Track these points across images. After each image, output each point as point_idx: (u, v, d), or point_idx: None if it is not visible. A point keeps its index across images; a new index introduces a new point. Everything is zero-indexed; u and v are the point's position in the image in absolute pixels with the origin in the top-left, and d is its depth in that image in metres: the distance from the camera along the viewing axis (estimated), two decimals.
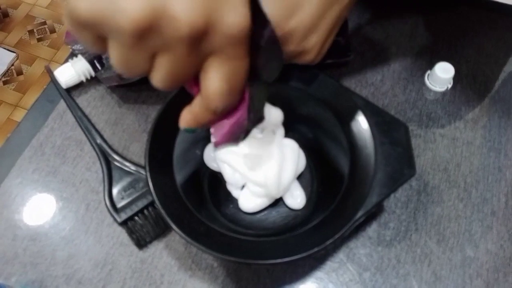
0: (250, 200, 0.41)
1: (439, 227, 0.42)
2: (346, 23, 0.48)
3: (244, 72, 0.24)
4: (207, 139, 0.42)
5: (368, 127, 0.38)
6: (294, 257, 0.33)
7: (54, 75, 0.48)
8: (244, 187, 0.41)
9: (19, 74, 1.45)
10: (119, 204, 0.42)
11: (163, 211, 0.35)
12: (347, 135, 0.39)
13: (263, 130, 0.39)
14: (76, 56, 0.48)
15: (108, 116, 0.48)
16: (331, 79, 0.41)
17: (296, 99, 0.41)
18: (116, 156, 0.44)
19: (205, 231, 0.35)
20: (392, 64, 0.51)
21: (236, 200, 0.41)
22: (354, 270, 0.40)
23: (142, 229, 0.41)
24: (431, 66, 0.49)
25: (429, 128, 0.48)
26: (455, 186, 0.44)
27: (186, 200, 0.37)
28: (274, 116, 0.38)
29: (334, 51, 0.46)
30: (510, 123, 0.48)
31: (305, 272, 0.40)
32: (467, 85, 0.50)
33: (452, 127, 0.48)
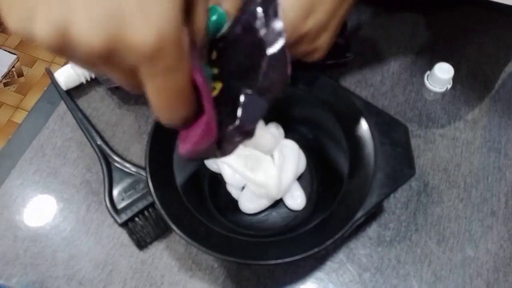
0: (250, 201, 0.41)
1: (439, 227, 0.42)
2: (346, 23, 0.48)
3: (182, 85, 0.22)
4: None
5: (368, 128, 0.38)
6: (294, 257, 0.33)
7: (55, 76, 0.48)
8: (244, 188, 0.41)
9: (19, 76, 1.45)
10: (120, 205, 0.42)
11: (163, 212, 0.35)
12: (347, 135, 0.39)
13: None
14: None
15: (109, 117, 0.48)
16: (331, 80, 0.41)
17: (296, 100, 0.41)
18: (116, 157, 0.44)
19: (205, 231, 0.35)
20: (392, 65, 0.51)
21: (236, 201, 0.41)
22: (354, 270, 0.40)
23: (142, 230, 0.41)
24: (431, 66, 0.49)
25: (429, 128, 0.48)
26: (455, 186, 0.44)
27: (186, 201, 0.37)
28: (266, 141, 0.38)
29: (334, 52, 0.46)
30: (510, 123, 0.48)
31: (305, 273, 0.40)
32: (467, 85, 0.50)
33: (452, 127, 0.48)
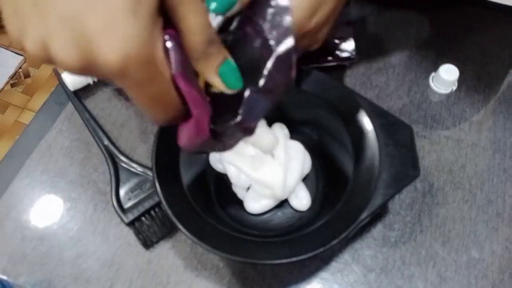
0: (255, 201, 0.41)
1: (444, 228, 0.42)
2: (351, 25, 0.48)
3: (159, 94, 0.23)
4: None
5: (373, 129, 0.38)
6: (299, 257, 0.33)
7: (62, 77, 0.48)
8: (249, 188, 0.42)
9: (26, 77, 1.47)
10: (126, 204, 0.42)
11: (169, 211, 0.35)
12: (352, 136, 0.39)
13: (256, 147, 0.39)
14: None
15: (115, 118, 0.49)
16: (335, 81, 0.41)
17: (300, 101, 0.42)
18: (123, 158, 0.45)
19: (211, 231, 0.36)
20: (397, 66, 0.52)
21: (242, 201, 0.42)
22: (359, 271, 0.41)
23: (148, 229, 0.41)
24: (436, 68, 0.49)
25: (433, 129, 0.48)
26: (460, 187, 0.44)
27: (192, 201, 0.37)
28: (265, 140, 0.38)
29: (339, 54, 0.46)
30: None
31: (310, 273, 0.41)
32: (472, 86, 0.50)
33: (457, 128, 0.48)
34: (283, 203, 0.42)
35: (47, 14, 0.20)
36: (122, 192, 0.43)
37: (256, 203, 0.41)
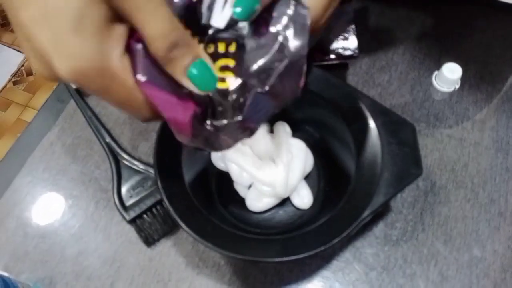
0: (257, 199, 0.41)
1: (446, 227, 0.42)
2: (354, 23, 0.48)
3: (121, 99, 0.24)
4: None
5: (375, 127, 0.38)
6: (300, 255, 0.33)
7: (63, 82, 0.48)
8: (251, 186, 0.42)
9: (28, 74, 1.47)
10: (128, 202, 0.42)
11: (171, 209, 0.35)
12: (354, 135, 0.39)
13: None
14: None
15: (118, 115, 0.49)
16: (338, 80, 0.41)
17: (303, 100, 0.41)
18: (125, 155, 0.45)
19: (212, 229, 0.36)
20: (400, 65, 0.51)
21: (243, 199, 0.42)
22: (361, 269, 0.41)
23: (150, 227, 0.42)
24: (439, 66, 0.49)
25: (436, 128, 0.48)
26: (462, 186, 0.44)
27: (194, 199, 0.37)
28: (262, 146, 0.38)
29: (341, 52, 0.46)
30: None
31: (312, 271, 0.41)
32: (475, 85, 0.50)
33: (459, 127, 0.48)
34: (285, 201, 0.42)
35: (19, 34, 0.23)
36: (124, 189, 0.43)
37: (257, 201, 0.41)
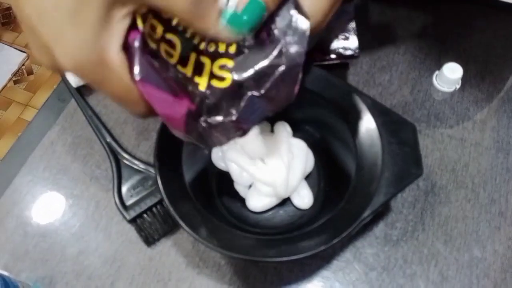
0: (257, 199, 0.41)
1: (446, 227, 0.42)
2: (355, 23, 0.48)
3: (118, 92, 0.25)
4: None
5: (376, 127, 0.38)
6: (301, 255, 0.33)
7: (65, 74, 0.48)
8: (251, 186, 0.42)
9: (29, 74, 1.47)
10: (128, 201, 0.42)
11: (171, 208, 0.35)
12: (354, 135, 0.39)
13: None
14: None
15: (118, 115, 0.49)
16: (339, 79, 0.41)
17: (303, 100, 0.41)
18: (125, 155, 0.45)
19: (212, 229, 0.36)
20: (400, 65, 0.51)
21: (244, 199, 0.42)
22: (361, 269, 0.41)
23: (150, 226, 0.42)
24: (439, 66, 0.49)
25: (437, 128, 0.48)
26: (463, 186, 0.44)
27: (194, 198, 0.37)
28: (253, 147, 0.38)
29: (342, 52, 0.46)
30: None
31: (312, 271, 0.41)
32: (476, 85, 0.50)
33: (460, 127, 0.47)
34: (285, 201, 0.42)
35: (24, 27, 0.24)
36: (124, 189, 0.43)
37: (258, 201, 0.41)
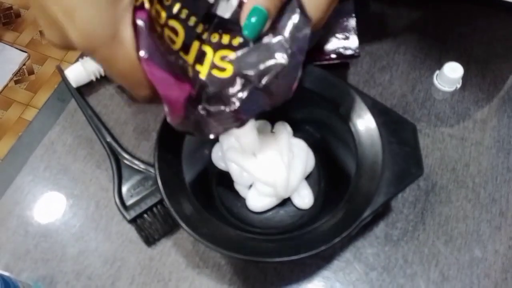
0: (258, 199, 0.41)
1: (447, 227, 0.42)
2: (355, 22, 0.48)
3: (124, 72, 0.26)
4: (215, 139, 0.42)
5: (376, 127, 0.38)
6: (301, 255, 0.33)
7: (65, 74, 0.48)
8: (251, 186, 0.42)
9: (30, 73, 1.47)
10: (129, 202, 0.42)
11: (171, 209, 0.35)
12: (355, 134, 0.39)
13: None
14: (87, 56, 0.49)
15: (118, 115, 0.49)
16: (339, 79, 0.41)
17: (304, 99, 0.41)
18: (125, 155, 0.45)
19: (213, 229, 0.36)
20: (401, 64, 0.51)
21: (244, 199, 0.42)
22: (361, 269, 0.41)
23: (151, 226, 0.42)
24: (440, 66, 0.49)
25: (437, 128, 0.47)
26: (463, 186, 0.44)
27: (194, 199, 0.37)
28: (247, 140, 0.38)
29: (342, 51, 0.46)
30: None
31: (312, 271, 0.41)
32: (476, 85, 0.50)
33: (460, 127, 0.47)
34: (286, 201, 0.42)
35: (33, 5, 0.26)
36: (125, 189, 0.43)
37: (258, 201, 0.41)
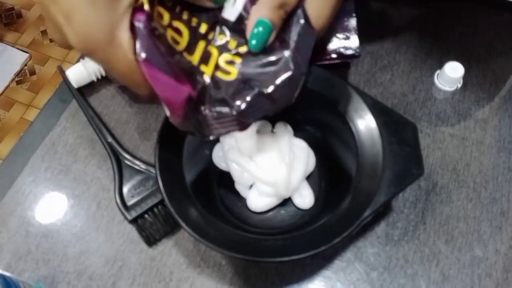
0: (258, 199, 0.41)
1: (448, 227, 0.42)
2: (356, 22, 0.48)
3: (123, 72, 0.27)
4: (216, 139, 0.42)
5: (376, 127, 0.38)
6: (302, 255, 0.33)
7: (66, 74, 0.49)
8: (252, 186, 0.42)
9: (32, 74, 1.47)
10: (130, 202, 0.42)
11: (172, 209, 0.35)
12: (355, 134, 0.39)
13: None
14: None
15: (119, 115, 0.49)
16: (339, 79, 0.41)
17: (304, 99, 0.41)
18: (126, 155, 0.45)
19: (213, 229, 0.36)
20: (402, 64, 0.51)
21: (245, 199, 0.42)
22: (362, 269, 0.41)
23: (151, 226, 0.42)
24: (441, 65, 0.49)
25: (438, 127, 0.47)
26: (464, 186, 0.44)
27: (195, 199, 0.37)
28: (245, 144, 0.39)
29: (343, 51, 0.46)
30: None
31: (313, 271, 0.41)
32: (477, 84, 0.50)
33: (461, 126, 0.47)
34: (286, 201, 0.42)
35: (40, 6, 0.27)
36: (126, 189, 0.43)
37: (259, 201, 0.41)
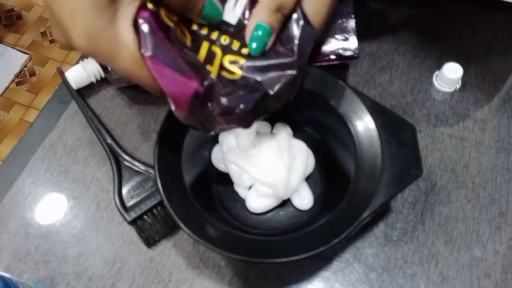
0: (257, 200, 0.41)
1: (447, 227, 0.42)
2: (354, 23, 0.48)
3: (128, 69, 0.28)
4: (215, 140, 0.43)
5: (375, 128, 0.38)
6: (301, 255, 0.33)
7: (66, 76, 0.49)
8: (251, 187, 0.42)
9: (31, 75, 1.47)
10: (129, 203, 0.42)
11: (171, 210, 0.35)
12: (354, 135, 0.39)
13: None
14: (87, 58, 0.49)
15: (119, 116, 0.49)
16: (338, 80, 0.41)
17: (303, 100, 0.42)
18: (126, 156, 0.45)
19: (212, 230, 0.36)
20: (400, 65, 0.51)
21: (244, 200, 0.42)
22: (361, 270, 0.41)
23: (151, 228, 0.42)
24: (440, 66, 0.49)
25: (437, 128, 0.47)
26: (463, 186, 0.44)
27: (194, 200, 0.37)
28: (244, 140, 0.39)
29: (341, 52, 0.46)
30: None
31: (312, 272, 0.41)
32: (476, 85, 0.50)
33: (460, 127, 0.47)
34: (285, 202, 0.42)
35: (46, 7, 0.27)
36: (125, 190, 0.43)
37: (258, 202, 0.41)
